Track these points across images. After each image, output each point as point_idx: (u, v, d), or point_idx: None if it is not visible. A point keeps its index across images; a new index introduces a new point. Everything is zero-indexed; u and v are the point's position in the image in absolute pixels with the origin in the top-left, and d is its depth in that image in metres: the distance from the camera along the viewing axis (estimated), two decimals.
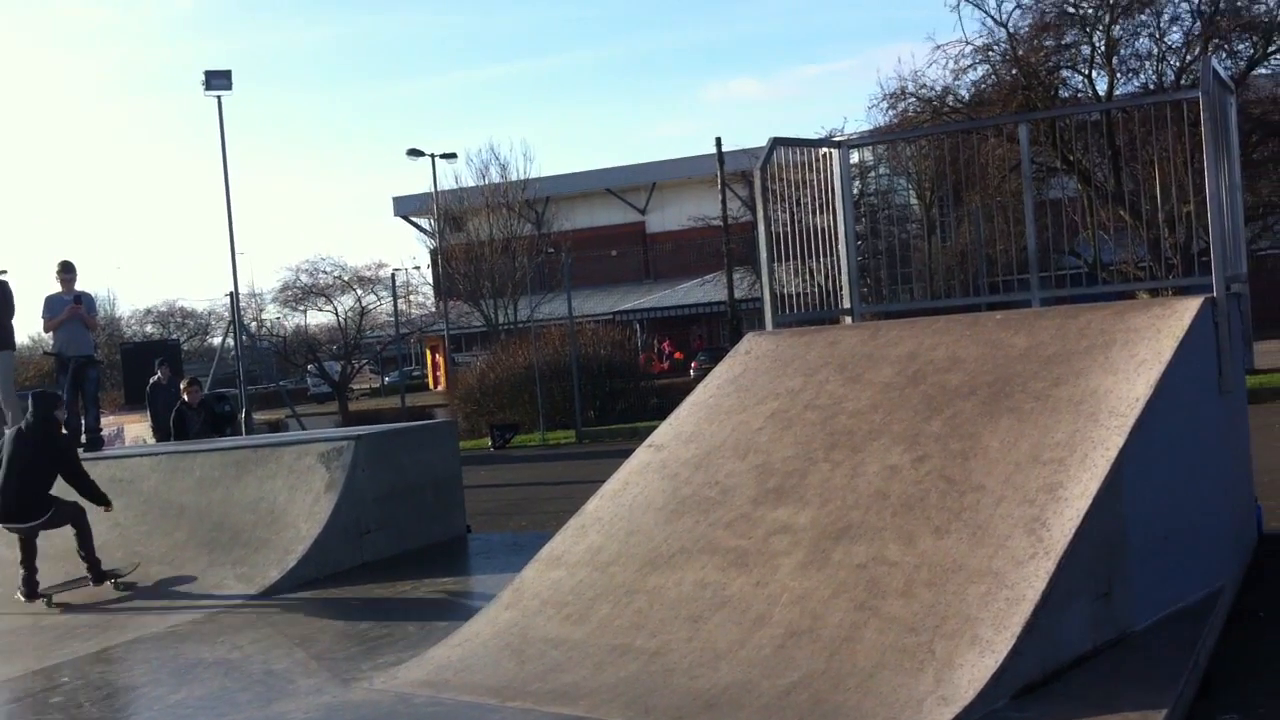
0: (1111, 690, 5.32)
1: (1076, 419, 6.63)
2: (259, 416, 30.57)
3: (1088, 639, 5.78)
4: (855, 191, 20.18)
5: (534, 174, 50.77)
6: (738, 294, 35.37)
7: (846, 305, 10.00)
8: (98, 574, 9.78)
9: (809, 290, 10.26)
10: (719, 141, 36.69)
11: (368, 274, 45.37)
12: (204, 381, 20.25)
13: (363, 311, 43.05)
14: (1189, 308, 7.38)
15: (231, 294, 27.40)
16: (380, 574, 9.82)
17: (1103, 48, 24.49)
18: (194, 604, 9.29)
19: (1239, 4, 24.05)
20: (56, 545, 9.85)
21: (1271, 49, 24.09)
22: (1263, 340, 16.75)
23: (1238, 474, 8.32)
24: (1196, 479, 7.13)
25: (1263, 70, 24.66)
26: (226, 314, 31.18)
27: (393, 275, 36.51)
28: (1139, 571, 6.21)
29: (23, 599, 9.61)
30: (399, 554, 10.49)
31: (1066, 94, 25.16)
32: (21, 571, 9.67)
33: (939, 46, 26.04)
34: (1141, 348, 7.07)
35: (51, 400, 10.08)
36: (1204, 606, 6.50)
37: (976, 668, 5.28)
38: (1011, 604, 5.54)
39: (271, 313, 47.66)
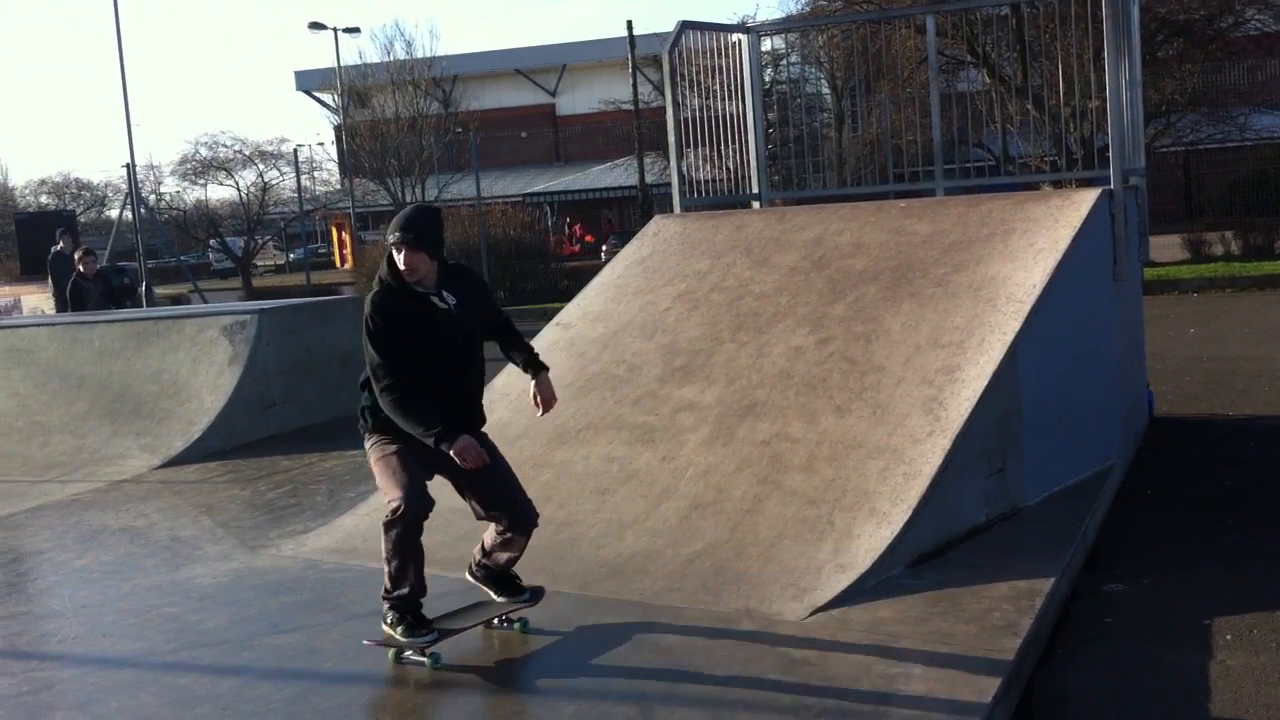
0: (1002, 560, 5.56)
1: (975, 304, 6.80)
2: (160, 290, 29.92)
3: (981, 513, 6.02)
4: (767, 79, 20.10)
5: (441, 52, 49.58)
6: (649, 178, 35.12)
7: (755, 191, 10.04)
8: None
9: (719, 176, 10.28)
10: (630, 24, 36.28)
11: (270, 149, 44.14)
12: (100, 254, 19.72)
13: (265, 187, 41.92)
14: (1086, 199, 7.56)
15: (128, 165, 26.49)
16: (287, 446, 9.80)
17: None
18: (97, 473, 9.20)
19: None
20: None
21: None
22: (1159, 234, 17.17)
23: (1131, 360, 8.61)
24: (1090, 363, 7.37)
25: None
26: (124, 186, 30.14)
27: (295, 151, 35.66)
28: (1032, 450, 6.45)
29: None
30: (306, 427, 10.47)
31: None
32: None
33: None
34: (1039, 236, 7.24)
35: None
36: (1094, 484, 6.79)
37: (874, 538, 5.48)
38: (908, 479, 5.73)
39: (170, 186, 46.32)
